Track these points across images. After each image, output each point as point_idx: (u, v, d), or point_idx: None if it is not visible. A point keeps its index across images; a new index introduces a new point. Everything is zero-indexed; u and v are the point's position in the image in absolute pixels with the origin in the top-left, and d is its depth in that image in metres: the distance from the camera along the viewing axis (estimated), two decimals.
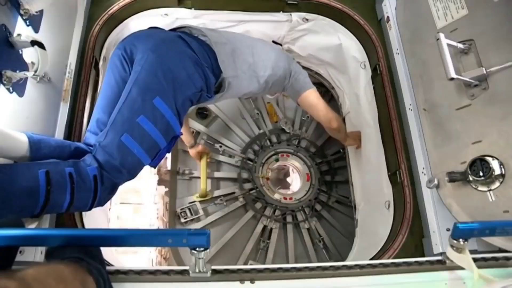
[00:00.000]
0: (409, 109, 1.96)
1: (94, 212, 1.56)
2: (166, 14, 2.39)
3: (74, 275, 0.90)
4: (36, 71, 1.46)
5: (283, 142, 3.07)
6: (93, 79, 2.09)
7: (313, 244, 2.80)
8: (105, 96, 1.76)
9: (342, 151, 3.01)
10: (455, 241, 1.06)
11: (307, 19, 2.48)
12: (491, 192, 1.51)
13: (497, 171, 1.48)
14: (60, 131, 1.77)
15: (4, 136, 1.29)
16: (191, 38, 1.86)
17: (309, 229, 2.82)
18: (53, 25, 1.74)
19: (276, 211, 2.83)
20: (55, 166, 1.38)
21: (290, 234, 2.80)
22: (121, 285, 1.06)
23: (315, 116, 2.46)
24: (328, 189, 2.99)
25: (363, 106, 2.39)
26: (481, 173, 1.51)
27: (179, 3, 2.34)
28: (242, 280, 1.07)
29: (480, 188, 1.54)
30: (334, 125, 2.35)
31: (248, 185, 2.91)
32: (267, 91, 2.27)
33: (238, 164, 2.96)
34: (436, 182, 1.66)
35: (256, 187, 2.88)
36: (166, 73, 1.63)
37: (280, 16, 2.48)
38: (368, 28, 2.29)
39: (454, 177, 1.58)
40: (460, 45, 1.66)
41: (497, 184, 1.50)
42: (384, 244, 1.89)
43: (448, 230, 1.68)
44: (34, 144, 1.40)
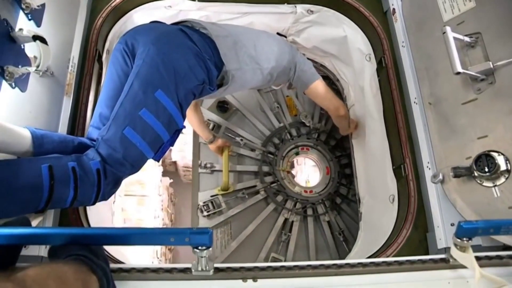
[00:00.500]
0: (414, 103, 1.94)
1: (98, 205, 1.56)
2: (170, 6, 2.37)
3: (76, 276, 0.89)
4: (38, 66, 1.45)
5: (303, 136, 3.06)
6: (96, 72, 2.09)
7: (333, 237, 2.80)
8: (107, 91, 1.75)
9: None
10: (459, 240, 1.05)
11: (312, 11, 2.45)
12: (496, 188, 1.49)
13: (503, 167, 1.46)
14: (64, 125, 1.77)
15: (7, 132, 1.29)
16: (192, 31, 1.84)
17: (329, 222, 2.83)
18: (56, 19, 1.73)
19: (297, 204, 2.85)
20: (58, 161, 1.38)
21: (311, 227, 2.81)
22: (124, 283, 1.06)
23: (323, 105, 2.49)
24: (348, 183, 2.98)
25: (368, 99, 2.37)
26: (487, 169, 1.50)
27: None
28: (245, 279, 1.07)
29: (485, 184, 1.52)
30: (342, 112, 2.41)
31: (269, 178, 2.92)
32: (272, 83, 2.25)
33: (259, 158, 2.96)
34: (441, 177, 1.65)
35: (277, 180, 2.90)
36: (168, 66, 1.61)
37: (285, 8, 2.46)
38: (374, 20, 2.26)
39: (459, 173, 1.57)
40: (467, 39, 1.64)
41: (503, 180, 1.48)
42: (388, 238, 1.89)
43: (453, 225, 1.68)
44: (37, 139, 1.40)
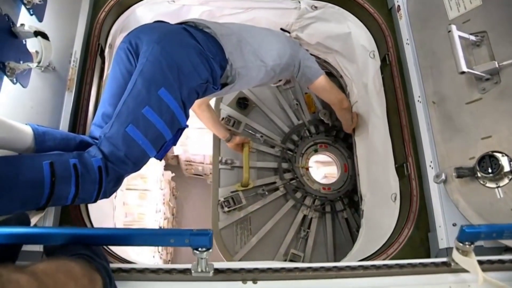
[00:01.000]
0: (418, 101, 1.92)
1: (99, 200, 1.55)
2: (173, 1, 2.36)
3: (83, 272, 0.90)
4: (40, 62, 1.44)
5: (322, 133, 3.05)
6: (99, 67, 2.08)
7: (351, 234, 2.80)
8: (111, 89, 1.75)
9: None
10: (461, 244, 1.05)
11: (316, 7, 2.43)
12: (500, 189, 1.49)
13: (507, 168, 1.46)
14: (65, 120, 1.77)
15: (8, 128, 1.29)
16: (196, 30, 1.84)
17: (347, 219, 2.83)
18: (58, 14, 1.72)
19: (316, 201, 2.86)
20: (60, 158, 1.37)
21: (329, 224, 2.82)
22: (123, 284, 1.06)
23: (327, 99, 2.50)
24: None
25: (371, 96, 2.36)
26: (490, 170, 1.49)
27: None
28: (245, 280, 1.06)
29: (488, 185, 1.52)
30: (346, 105, 2.44)
31: (289, 175, 2.93)
32: (276, 79, 2.25)
33: (278, 154, 2.97)
34: (444, 177, 1.64)
35: (296, 177, 2.90)
36: (171, 64, 1.61)
37: (289, 3, 2.44)
38: (378, 17, 2.24)
39: (462, 173, 1.56)
40: (472, 37, 1.62)
41: (506, 181, 1.48)
42: (390, 237, 1.88)
43: (455, 225, 1.67)
44: (39, 136, 1.40)
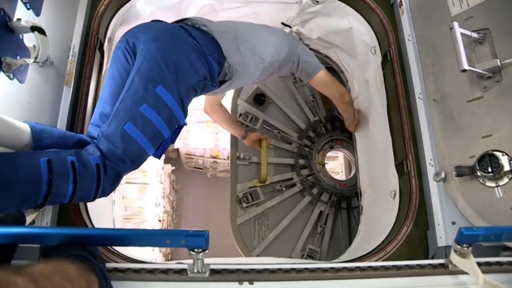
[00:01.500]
0: (419, 98, 1.91)
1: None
2: None
3: (80, 274, 0.90)
4: (37, 58, 1.42)
5: (338, 130, 3.06)
6: (98, 61, 2.06)
7: None
8: (109, 89, 1.75)
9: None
10: (459, 247, 1.04)
11: (317, 1, 2.41)
12: (499, 188, 1.48)
13: (507, 167, 1.44)
14: (64, 115, 1.76)
15: (6, 125, 1.28)
16: (193, 28, 1.84)
17: None
18: (56, 7, 1.70)
19: (332, 197, 2.88)
20: (57, 155, 1.37)
21: (344, 220, 2.84)
22: (119, 284, 1.06)
23: (328, 94, 2.48)
24: None
25: (372, 92, 2.34)
26: (490, 169, 1.48)
27: None
28: (241, 281, 1.06)
29: (488, 184, 1.51)
30: (347, 98, 2.41)
31: (305, 171, 2.94)
32: (275, 76, 2.24)
33: (295, 151, 2.98)
34: (443, 176, 1.63)
35: (313, 173, 2.92)
36: (168, 62, 1.61)
37: None
38: (380, 12, 2.21)
39: (462, 172, 1.55)
40: (475, 35, 1.60)
41: (506, 181, 1.47)
42: (389, 234, 1.88)
43: (454, 224, 1.66)
44: (36, 134, 1.39)
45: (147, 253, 3.39)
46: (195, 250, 0.98)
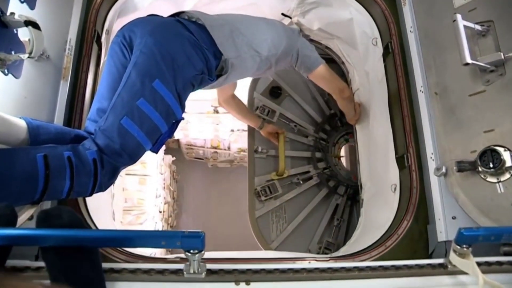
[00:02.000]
0: (420, 91, 1.88)
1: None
2: None
3: None
4: (31, 53, 1.40)
5: None
6: (95, 54, 2.03)
7: None
8: (106, 83, 1.73)
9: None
10: (459, 247, 1.03)
11: None
12: (501, 184, 1.46)
13: (508, 163, 1.43)
14: (61, 110, 1.74)
15: (2, 121, 1.27)
16: (189, 22, 1.82)
17: None
18: (51, 0, 1.67)
19: (348, 190, 2.88)
20: (54, 150, 1.36)
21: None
22: (115, 284, 1.05)
23: (327, 89, 2.46)
24: None
25: (373, 85, 2.31)
26: (491, 164, 1.46)
27: None
28: (237, 282, 1.05)
29: (489, 179, 1.49)
30: (347, 94, 2.39)
31: (322, 164, 2.94)
32: (274, 69, 2.21)
33: (312, 144, 2.98)
34: (444, 171, 1.62)
35: (329, 166, 2.93)
36: (165, 56, 1.59)
37: None
38: (381, 3, 2.17)
39: (463, 167, 1.54)
40: (478, 27, 1.57)
41: (507, 176, 1.45)
42: (389, 228, 1.87)
43: (454, 218, 1.65)
44: (33, 130, 1.38)
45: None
46: (191, 251, 0.97)
